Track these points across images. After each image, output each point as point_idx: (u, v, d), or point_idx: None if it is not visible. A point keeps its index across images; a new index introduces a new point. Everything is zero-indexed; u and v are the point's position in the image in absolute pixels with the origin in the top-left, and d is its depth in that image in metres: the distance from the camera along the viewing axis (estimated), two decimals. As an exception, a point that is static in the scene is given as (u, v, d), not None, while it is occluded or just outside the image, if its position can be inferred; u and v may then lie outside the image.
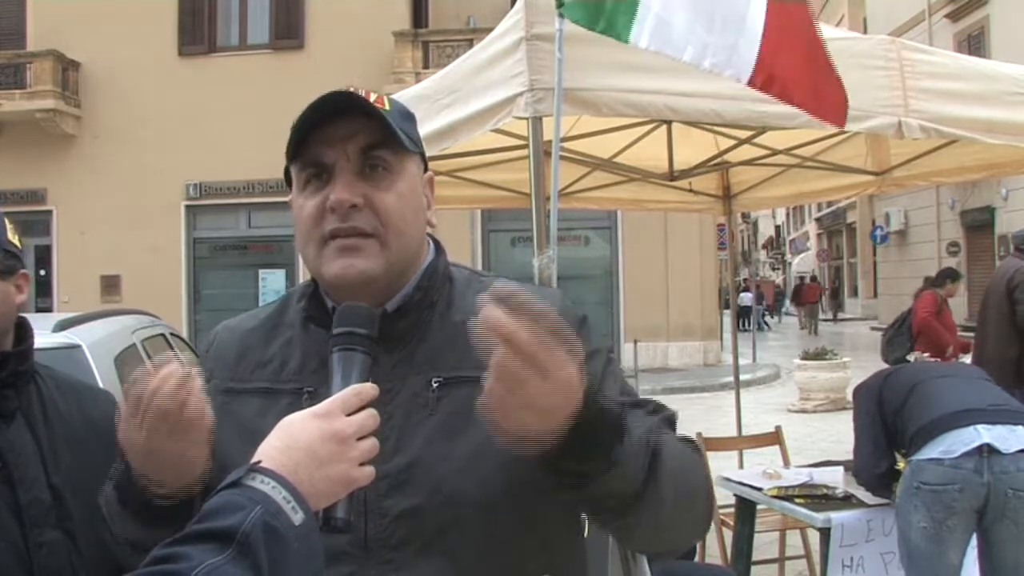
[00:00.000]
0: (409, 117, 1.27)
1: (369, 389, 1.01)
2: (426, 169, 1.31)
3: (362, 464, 0.97)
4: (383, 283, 1.21)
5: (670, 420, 1.24)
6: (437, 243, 1.32)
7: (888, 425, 3.41)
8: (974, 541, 3.23)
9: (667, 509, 1.13)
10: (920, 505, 3.16)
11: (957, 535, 3.15)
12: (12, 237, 1.51)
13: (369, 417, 0.99)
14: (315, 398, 1.09)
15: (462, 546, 1.14)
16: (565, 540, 1.27)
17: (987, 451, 3.08)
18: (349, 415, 0.98)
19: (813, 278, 37.32)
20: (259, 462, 0.92)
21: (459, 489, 1.15)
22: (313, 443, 0.95)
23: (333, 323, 1.10)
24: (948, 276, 7.75)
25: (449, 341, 1.23)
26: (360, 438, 0.98)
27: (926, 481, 3.15)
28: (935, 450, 3.16)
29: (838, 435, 8.86)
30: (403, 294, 1.23)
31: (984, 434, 3.10)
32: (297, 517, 0.89)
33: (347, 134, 1.18)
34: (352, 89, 1.19)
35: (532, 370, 0.95)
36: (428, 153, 3.94)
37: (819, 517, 3.54)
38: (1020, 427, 3.13)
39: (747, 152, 4.91)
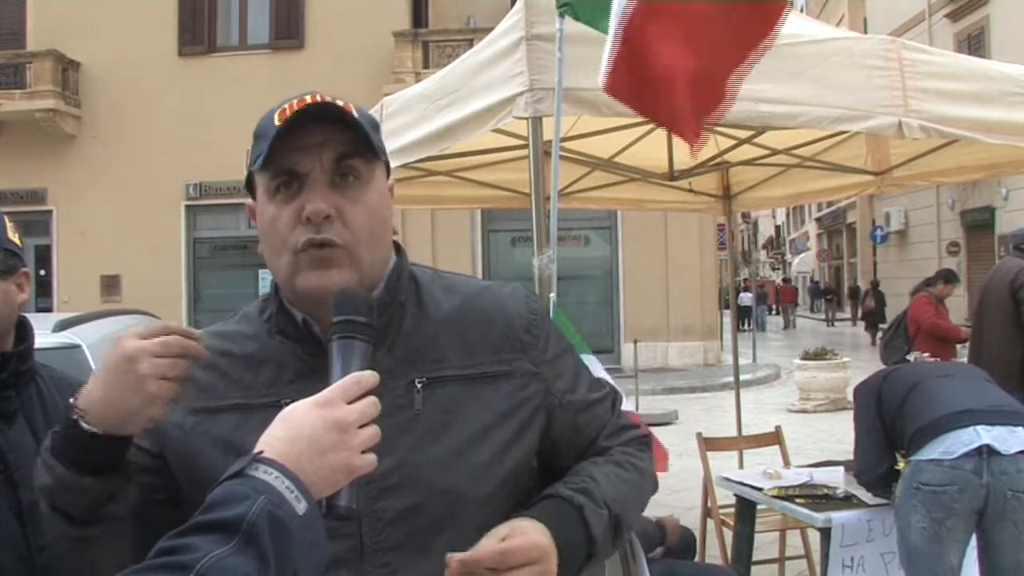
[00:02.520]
0: (376, 126, 1.26)
1: (369, 377, 1.01)
2: (388, 176, 1.29)
3: (364, 452, 0.98)
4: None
5: (620, 409, 1.40)
6: (397, 245, 1.32)
7: (888, 425, 3.41)
8: (975, 542, 3.23)
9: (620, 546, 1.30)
10: (919, 506, 3.15)
11: (956, 536, 3.15)
12: (12, 236, 1.51)
13: (370, 405, 0.99)
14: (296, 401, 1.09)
15: (457, 544, 1.14)
16: None
17: (987, 452, 3.07)
18: (350, 403, 0.98)
19: (786, 280, 38.90)
20: (261, 452, 0.92)
21: (451, 487, 1.16)
22: (315, 432, 0.95)
23: (332, 312, 1.10)
24: (942, 277, 7.72)
25: (427, 341, 1.24)
26: (361, 426, 0.98)
27: (925, 482, 3.14)
28: (934, 451, 3.14)
29: (838, 435, 8.87)
30: (373, 297, 1.22)
31: (984, 435, 3.09)
32: (300, 506, 0.89)
33: (320, 141, 1.16)
34: (321, 97, 1.17)
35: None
36: (428, 153, 3.91)
37: (819, 517, 3.54)
38: (1020, 428, 3.12)
39: (747, 152, 4.91)
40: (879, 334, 22.08)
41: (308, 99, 1.16)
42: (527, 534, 1.11)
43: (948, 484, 3.09)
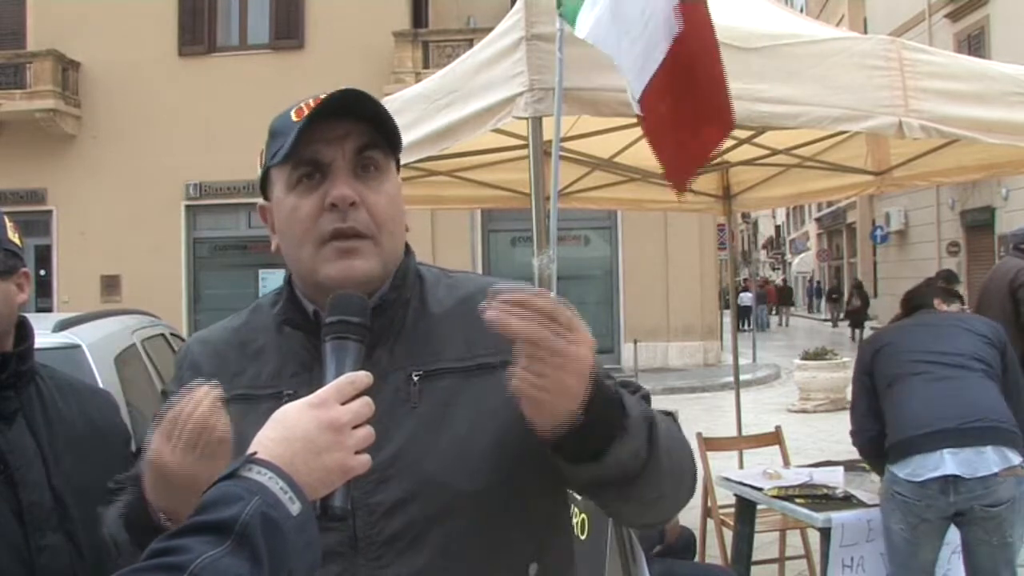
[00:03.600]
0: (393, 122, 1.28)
1: (363, 377, 1.01)
2: (397, 172, 1.31)
3: (358, 452, 0.97)
4: (378, 283, 1.23)
5: (647, 398, 1.32)
6: (406, 245, 1.33)
7: (880, 400, 3.46)
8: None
9: (664, 480, 1.19)
10: (896, 510, 3.28)
11: (931, 537, 3.27)
12: (12, 236, 1.51)
13: (364, 405, 0.99)
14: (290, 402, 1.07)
15: (451, 537, 1.15)
16: (552, 528, 1.29)
17: (952, 478, 3.13)
18: (344, 403, 0.98)
19: (766, 282, 40.58)
20: (255, 453, 0.92)
21: (447, 481, 1.16)
22: (309, 433, 0.95)
23: (326, 312, 1.11)
24: (942, 278, 7.69)
25: (425, 336, 1.25)
26: (355, 426, 0.97)
27: (899, 491, 3.25)
28: (903, 470, 3.23)
29: (838, 435, 8.85)
30: (379, 295, 1.24)
31: (949, 462, 3.12)
32: (295, 507, 0.89)
33: (343, 133, 1.19)
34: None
35: (553, 357, 1.02)
36: (428, 153, 3.92)
37: (819, 517, 3.55)
38: (988, 448, 3.14)
39: (747, 152, 4.91)
40: (862, 331, 24.28)
41: (323, 96, 1.18)
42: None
43: (918, 500, 3.20)
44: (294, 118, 1.18)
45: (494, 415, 1.20)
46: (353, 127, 1.19)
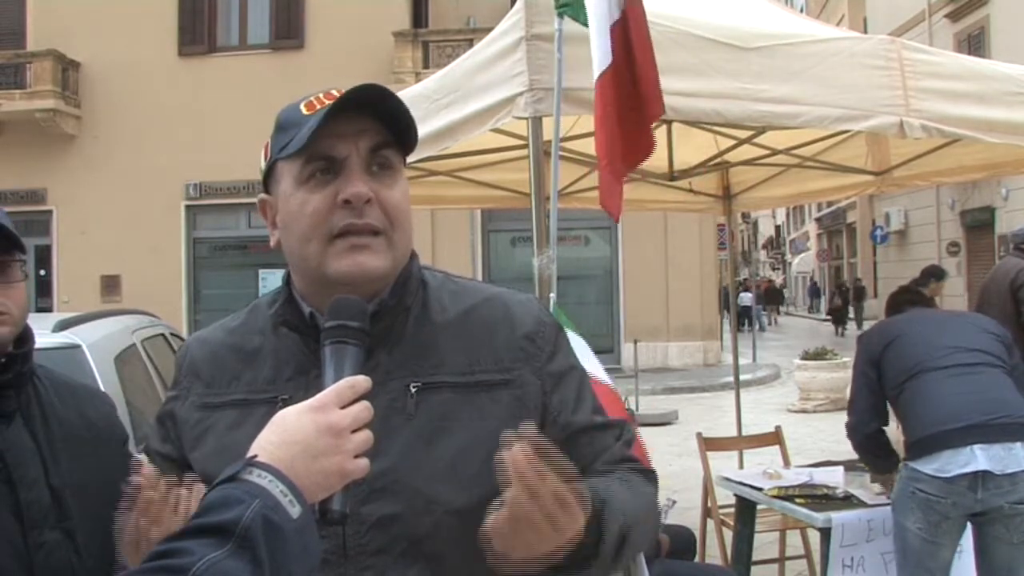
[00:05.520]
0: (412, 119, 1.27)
1: (363, 381, 1.01)
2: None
3: (357, 456, 0.97)
4: (387, 281, 1.22)
5: (630, 443, 1.32)
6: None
7: (888, 397, 3.41)
8: (972, 539, 3.27)
9: (620, 567, 1.20)
10: (916, 508, 3.19)
11: (951, 535, 3.20)
12: None
13: (363, 409, 0.99)
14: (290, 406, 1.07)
15: (442, 552, 1.15)
16: None
17: (982, 474, 3.08)
18: (344, 407, 0.98)
19: (744, 283, 40.61)
20: (255, 456, 0.93)
21: (438, 495, 1.14)
22: (308, 436, 0.95)
23: (325, 316, 1.09)
24: (932, 275, 7.63)
25: (426, 345, 1.23)
26: (355, 430, 0.97)
27: (922, 489, 3.17)
28: (930, 466, 3.15)
29: (838, 435, 8.81)
30: (378, 299, 1.22)
31: (980, 457, 3.07)
32: (294, 510, 0.89)
33: (358, 130, 1.17)
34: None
35: (545, 518, 1.00)
36: (428, 153, 3.92)
37: (820, 517, 3.54)
38: (1018, 444, 3.10)
39: (747, 152, 4.91)
40: (843, 327, 26.92)
41: (335, 92, 1.17)
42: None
43: (944, 497, 3.12)
44: (305, 111, 1.17)
45: (490, 434, 1.16)
46: (370, 124, 1.18)
